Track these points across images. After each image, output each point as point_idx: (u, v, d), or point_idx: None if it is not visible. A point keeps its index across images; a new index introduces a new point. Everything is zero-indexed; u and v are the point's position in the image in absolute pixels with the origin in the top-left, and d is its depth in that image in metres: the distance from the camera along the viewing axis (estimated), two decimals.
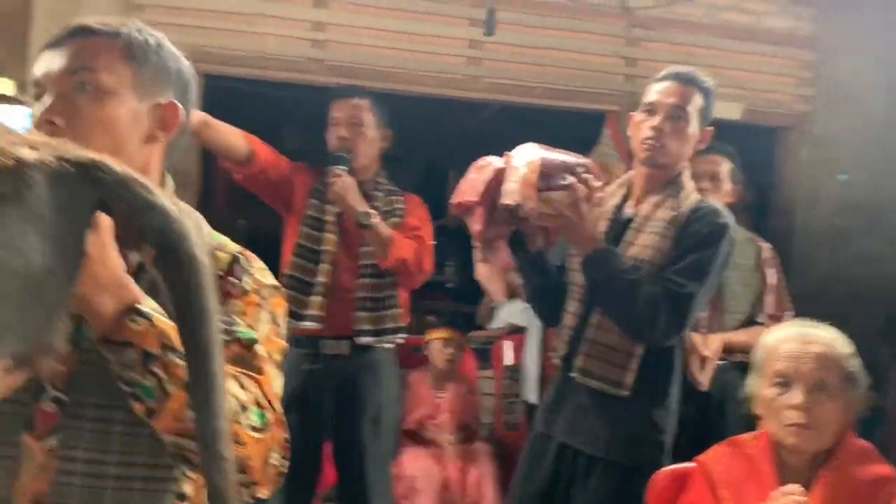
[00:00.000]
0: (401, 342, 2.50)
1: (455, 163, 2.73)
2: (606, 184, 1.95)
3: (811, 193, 3.63)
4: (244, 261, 1.03)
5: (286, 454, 0.99)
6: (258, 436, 0.93)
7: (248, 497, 0.94)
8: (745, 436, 1.62)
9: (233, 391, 0.90)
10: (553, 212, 1.76)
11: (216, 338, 0.82)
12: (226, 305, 0.98)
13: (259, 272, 1.05)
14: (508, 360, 3.52)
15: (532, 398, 3.35)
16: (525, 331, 3.52)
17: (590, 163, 1.84)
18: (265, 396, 0.96)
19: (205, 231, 1.02)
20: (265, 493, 0.97)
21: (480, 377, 3.64)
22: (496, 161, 1.80)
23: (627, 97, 3.30)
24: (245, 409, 0.92)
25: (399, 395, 2.74)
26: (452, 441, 3.17)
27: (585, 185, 1.77)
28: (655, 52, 3.46)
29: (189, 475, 0.98)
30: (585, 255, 1.83)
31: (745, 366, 1.70)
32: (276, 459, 0.96)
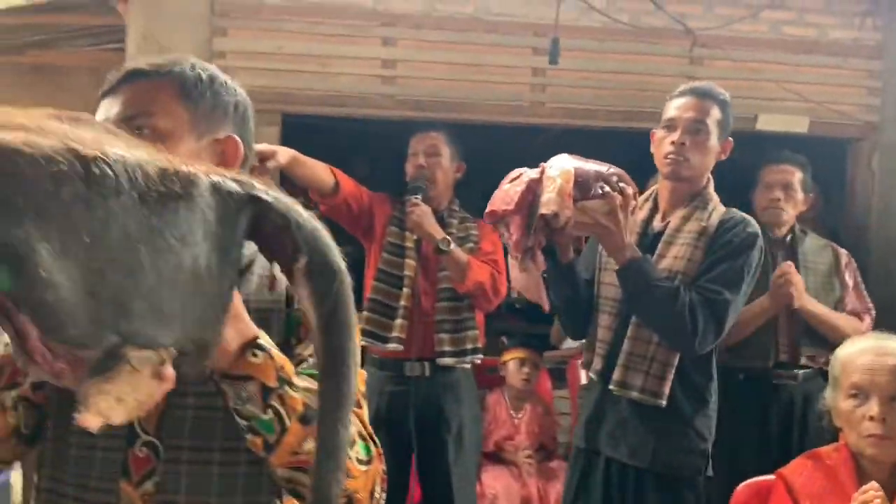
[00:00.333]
0: (478, 362, 2.61)
1: None
2: (640, 193, 1.97)
3: (884, 203, 3.57)
4: None
5: (384, 486, 0.99)
6: (365, 468, 0.94)
7: None
8: (826, 448, 1.64)
9: None
10: (590, 221, 1.79)
11: (356, 351, 0.82)
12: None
13: None
14: (583, 380, 3.55)
15: None
16: None
17: (622, 172, 1.86)
18: (365, 429, 0.97)
19: None
20: None
21: (556, 397, 3.69)
22: (530, 172, 1.83)
23: None
24: (353, 443, 0.92)
25: (478, 414, 2.83)
26: (531, 460, 3.23)
27: (621, 194, 1.80)
28: (719, 71, 3.45)
29: None
30: (622, 265, 1.85)
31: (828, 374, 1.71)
32: (378, 492, 0.97)
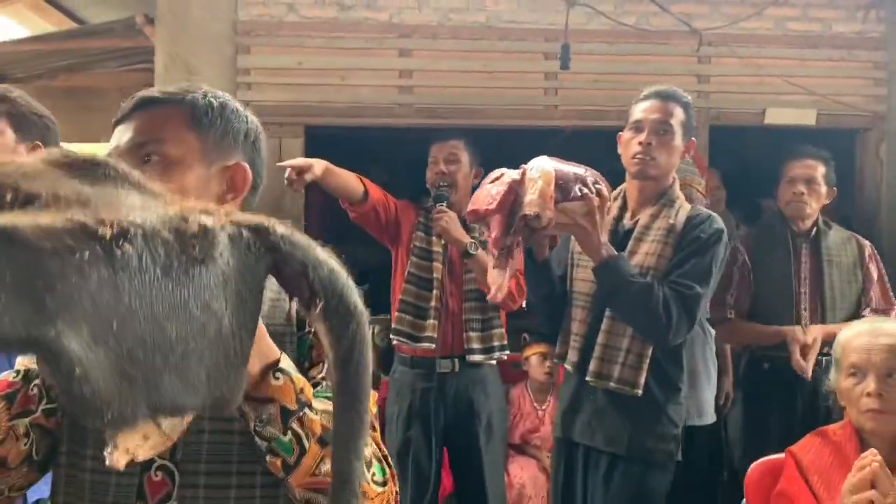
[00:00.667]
0: (504, 358, 2.74)
1: None
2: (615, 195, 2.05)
3: (892, 191, 3.65)
4: None
5: None
6: (381, 490, 0.95)
7: None
8: (833, 426, 1.75)
9: None
10: (570, 221, 1.86)
11: (370, 388, 0.84)
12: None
13: None
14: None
15: None
16: None
17: (598, 174, 1.93)
18: (380, 451, 0.99)
19: None
20: None
21: None
22: (511, 173, 1.87)
23: (704, 113, 3.44)
24: (370, 464, 0.94)
25: (504, 407, 2.96)
26: None
27: (598, 196, 1.88)
28: (726, 68, 3.56)
29: None
30: (599, 263, 1.93)
31: None
32: None
